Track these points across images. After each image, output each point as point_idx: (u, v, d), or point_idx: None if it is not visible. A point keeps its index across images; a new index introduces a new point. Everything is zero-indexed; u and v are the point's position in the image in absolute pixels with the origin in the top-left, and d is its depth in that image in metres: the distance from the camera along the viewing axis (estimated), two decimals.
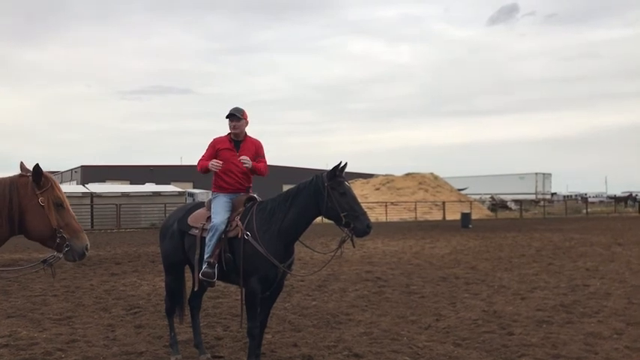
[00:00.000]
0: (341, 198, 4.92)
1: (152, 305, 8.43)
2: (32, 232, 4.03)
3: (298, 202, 5.10)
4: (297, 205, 5.10)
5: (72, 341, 6.35)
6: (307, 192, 5.09)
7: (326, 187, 4.96)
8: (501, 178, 65.56)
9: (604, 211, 48.05)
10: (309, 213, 5.11)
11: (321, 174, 5.10)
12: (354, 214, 4.88)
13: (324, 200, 4.96)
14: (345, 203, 4.91)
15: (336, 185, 4.95)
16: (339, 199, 4.92)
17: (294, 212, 5.10)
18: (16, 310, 8.05)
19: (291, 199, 5.15)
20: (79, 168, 63.00)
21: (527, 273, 11.67)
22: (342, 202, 4.91)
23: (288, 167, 63.82)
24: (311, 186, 5.09)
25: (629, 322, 7.14)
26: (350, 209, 4.89)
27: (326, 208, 4.98)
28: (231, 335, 6.67)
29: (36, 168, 4.01)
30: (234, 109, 5.59)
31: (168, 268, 5.89)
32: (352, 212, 4.89)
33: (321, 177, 5.06)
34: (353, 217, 4.87)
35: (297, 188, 5.23)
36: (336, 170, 5.00)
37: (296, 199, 5.13)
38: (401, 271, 12.19)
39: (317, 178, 5.09)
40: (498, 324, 7.14)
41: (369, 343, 6.33)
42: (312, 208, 5.08)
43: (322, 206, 4.99)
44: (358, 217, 4.86)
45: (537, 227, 27.48)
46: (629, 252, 15.61)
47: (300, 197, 5.12)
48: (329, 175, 5.00)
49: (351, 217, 4.87)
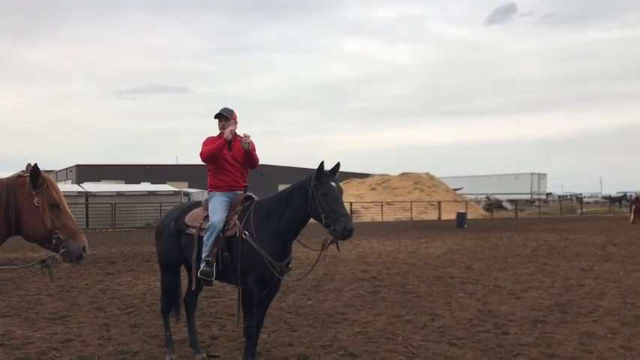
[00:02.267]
0: (322, 198, 4.83)
1: (147, 305, 8.41)
2: (28, 233, 4.01)
3: (292, 203, 5.10)
4: (291, 206, 5.09)
5: (67, 340, 6.33)
6: (298, 193, 5.07)
7: (311, 187, 4.93)
8: (497, 178, 65.77)
9: (599, 212, 48.24)
10: (302, 213, 5.08)
11: (311, 174, 5.06)
12: (334, 215, 4.76)
13: (308, 201, 4.93)
14: (326, 204, 4.81)
15: (320, 185, 4.88)
16: (320, 199, 4.84)
17: (288, 212, 5.09)
18: (11, 309, 8.02)
19: (285, 200, 5.15)
20: (74, 167, 62.79)
21: (522, 273, 11.70)
22: (323, 202, 4.82)
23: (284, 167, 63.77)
24: (301, 187, 5.07)
25: (623, 322, 7.17)
26: (330, 210, 4.79)
27: (310, 208, 4.94)
28: (226, 335, 6.67)
29: (34, 168, 3.97)
30: (224, 109, 5.61)
31: (164, 268, 5.88)
32: (332, 214, 4.77)
33: (310, 177, 5.02)
34: (332, 218, 4.76)
35: (291, 188, 5.23)
36: (321, 170, 4.94)
37: (290, 199, 5.12)
38: (396, 270, 12.21)
39: (307, 178, 5.06)
40: (493, 323, 7.16)
41: (364, 342, 6.34)
42: (304, 209, 5.04)
43: (308, 207, 4.95)
44: (337, 219, 4.73)
45: (532, 227, 27.54)
46: (623, 252, 15.67)
47: (293, 198, 5.11)
48: (315, 175, 4.95)
49: (331, 218, 4.77)
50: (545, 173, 67.75)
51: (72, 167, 63.93)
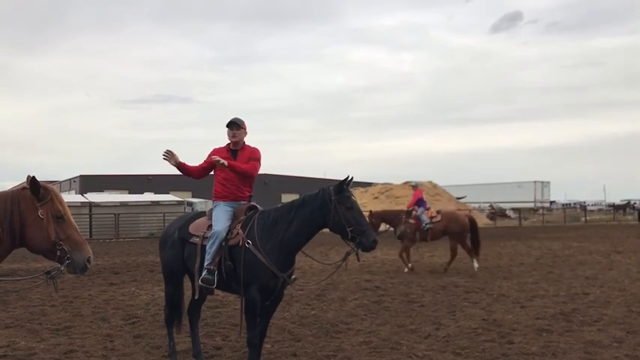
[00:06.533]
0: (347, 212, 4.94)
1: (151, 315, 8.40)
2: (32, 245, 4.00)
3: (303, 214, 5.11)
4: (301, 217, 5.10)
5: (70, 351, 6.33)
6: (313, 205, 5.09)
7: (333, 201, 4.98)
8: (500, 187, 65.66)
9: (603, 219, 48.02)
10: (314, 225, 5.12)
11: (327, 187, 5.11)
12: (361, 228, 4.91)
13: (330, 214, 4.99)
14: (352, 217, 4.94)
15: (343, 199, 4.98)
16: (345, 213, 4.94)
17: (297, 224, 5.10)
18: (15, 320, 8.02)
19: (295, 211, 5.15)
20: (78, 177, 62.99)
21: (526, 281, 11.66)
22: (349, 216, 4.93)
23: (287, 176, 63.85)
24: (317, 199, 5.10)
25: (628, 331, 7.13)
26: (357, 223, 4.93)
27: (333, 222, 4.99)
28: (230, 345, 6.65)
29: (32, 180, 3.95)
30: (235, 118, 5.66)
31: (168, 277, 5.88)
32: (359, 227, 4.92)
33: (328, 190, 5.07)
34: (360, 231, 4.90)
35: (302, 200, 5.24)
36: (344, 184, 5.04)
37: (300, 210, 5.13)
38: (400, 279, 12.18)
39: (323, 191, 5.10)
40: (498, 333, 7.12)
41: (368, 352, 6.32)
42: (317, 221, 5.09)
43: (329, 220, 5.01)
44: (364, 232, 4.90)
45: (536, 235, 27.46)
46: (628, 260, 15.60)
47: (305, 209, 5.12)
48: (336, 188, 5.02)
49: (358, 231, 4.91)
50: (548, 181, 67.68)
51: (75, 177, 64.14)
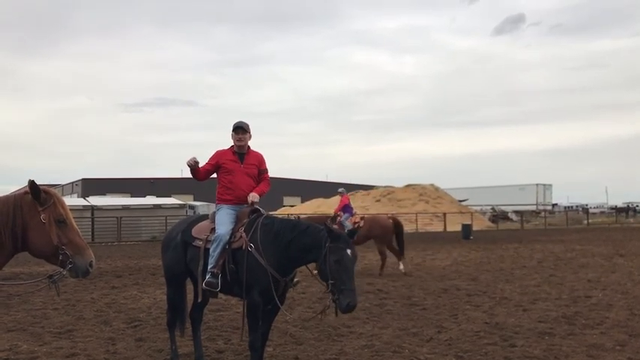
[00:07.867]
0: (334, 265, 4.68)
1: (153, 318, 8.41)
2: (34, 249, 4.01)
3: (300, 241, 5.01)
4: (300, 244, 5.01)
5: (72, 355, 6.33)
6: (313, 239, 4.93)
7: (326, 247, 4.77)
8: (502, 189, 65.56)
9: (605, 222, 48.00)
10: (309, 257, 5.03)
11: (330, 229, 4.87)
12: (341, 286, 4.64)
13: (320, 258, 4.82)
14: (336, 272, 4.67)
15: (336, 250, 4.73)
16: (332, 264, 4.69)
17: (294, 247, 5.03)
18: (17, 323, 8.03)
19: (297, 233, 5.05)
20: (80, 181, 63.13)
21: (528, 284, 11.64)
22: (334, 269, 4.68)
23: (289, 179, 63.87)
24: (318, 236, 4.91)
25: (631, 334, 7.12)
26: (338, 279, 4.66)
27: (319, 267, 4.86)
28: (232, 348, 6.65)
29: (32, 184, 3.93)
30: (241, 122, 5.68)
31: (170, 280, 5.89)
32: (340, 284, 4.65)
33: (327, 233, 4.83)
34: (339, 288, 4.65)
35: (306, 226, 5.13)
36: (340, 235, 4.85)
37: (300, 237, 5.02)
38: (402, 283, 12.17)
39: (325, 231, 4.87)
40: (500, 336, 7.11)
41: (370, 355, 6.31)
42: (310, 256, 4.99)
43: (318, 262, 4.87)
44: (343, 291, 4.62)
45: (538, 238, 27.43)
46: (630, 263, 15.58)
47: (305, 238, 5.00)
48: (333, 236, 4.80)
49: (337, 288, 4.65)
50: (550, 184, 67.57)
51: (78, 181, 64.26)
